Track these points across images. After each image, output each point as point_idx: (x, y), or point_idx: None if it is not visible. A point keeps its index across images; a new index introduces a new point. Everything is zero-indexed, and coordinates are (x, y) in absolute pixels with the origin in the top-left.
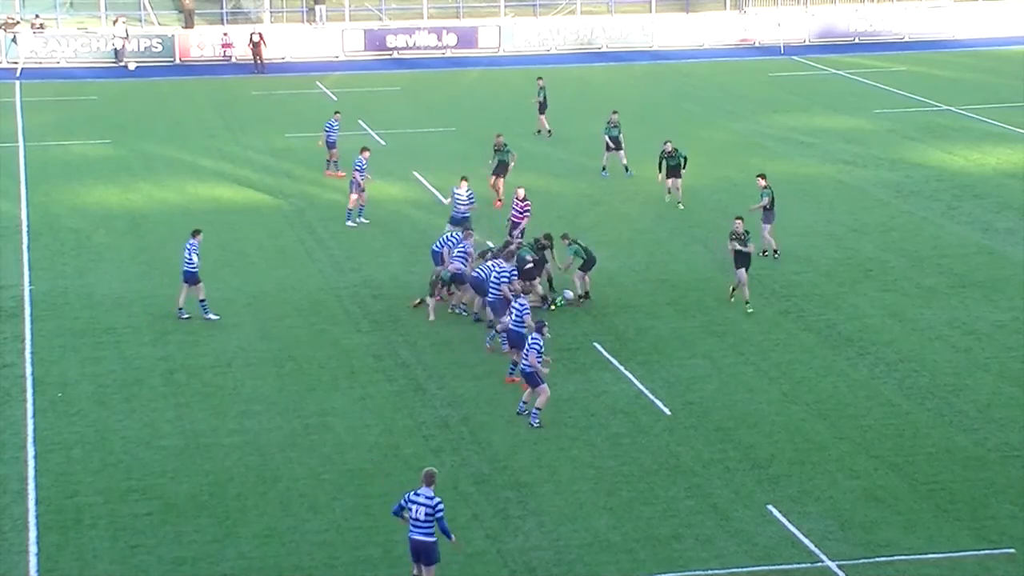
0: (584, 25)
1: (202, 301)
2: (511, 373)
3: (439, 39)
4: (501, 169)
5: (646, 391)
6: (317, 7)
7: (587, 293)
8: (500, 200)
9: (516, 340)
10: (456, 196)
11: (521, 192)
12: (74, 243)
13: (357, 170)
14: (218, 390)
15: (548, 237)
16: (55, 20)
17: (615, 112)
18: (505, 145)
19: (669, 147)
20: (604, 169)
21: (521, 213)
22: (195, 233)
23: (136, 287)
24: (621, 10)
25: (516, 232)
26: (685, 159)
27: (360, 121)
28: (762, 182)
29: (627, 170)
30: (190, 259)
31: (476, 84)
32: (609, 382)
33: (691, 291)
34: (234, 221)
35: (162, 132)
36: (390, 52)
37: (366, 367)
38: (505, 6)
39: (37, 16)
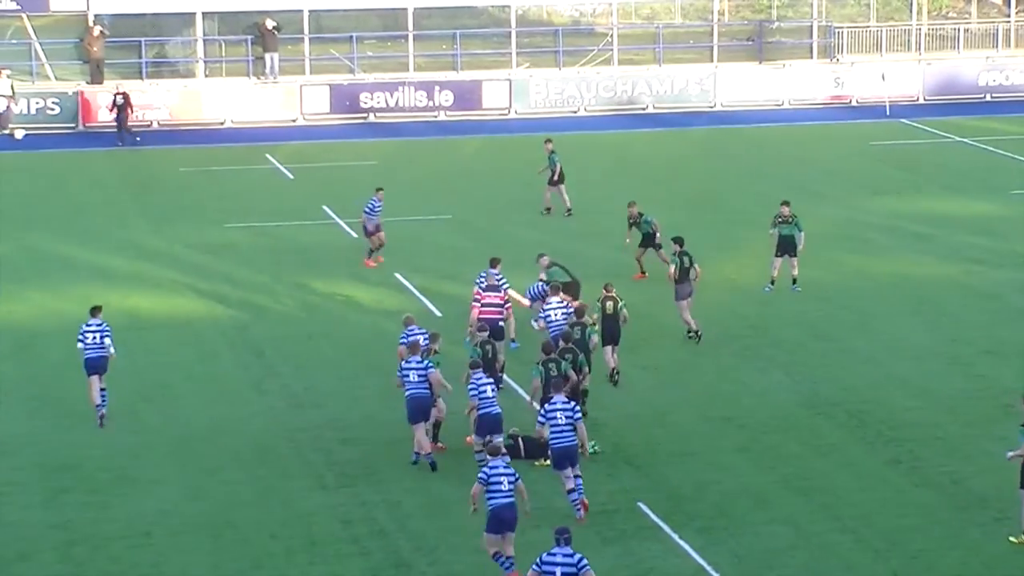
0: (623, 79)
1: (103, 390)
2: (507, 571)
3: (430, 98)
4: (648, 241)
5: (709, 567)
6: (267, 55)
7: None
8: (643, 273)
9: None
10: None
11: (492, 278)
12: None
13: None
14: (132, 568)
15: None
16: None
17: (786, 204)
18: (642, 215)
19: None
20: (772, 282)
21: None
22: (94, 311)
23: (22, 430)
24: (672, 58)
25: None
26: (691, 261)
27: (324, 207)
28: (676, 247)
29: (794, 283)
30: (100, 343)
31: (478, 157)
32: (658, 555)
33: (768, 433)
34: (155, 340)
35: (59, 222)
36: (364, 115)
37: (332, 536)
38: (517, 54)
39: None
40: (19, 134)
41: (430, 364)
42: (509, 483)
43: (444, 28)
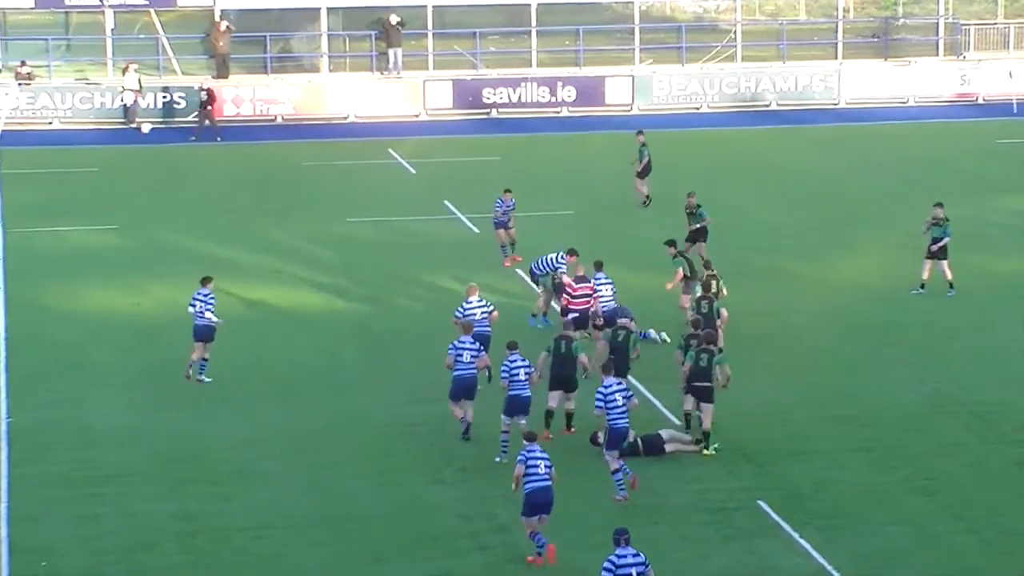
0: (746, 75)
1: (204, 360)
2: (539, 549)
3: (552, 93)
4: (701, 234)
5: (829, 567)
6: (390, 51)
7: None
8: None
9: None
10: (467, 309)
11: (581, 269)
12: (65, 362)
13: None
14: (253, 559)
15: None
16: (47, 68)
17: (940, 205)
18: (699, 206)
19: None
20: (923, 286)
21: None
22: (205, 281)
23: (145, 421)
24: (796, 55)
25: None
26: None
27: (446, 202)
28: (672, 250)
29: (951, 287)
30: (200, 313)
31: (600, 153)
32: (779, 554)
33: (890, 432)
34: (276, 333)
35: (183, 216)
36: (487, 110)
37: (451, 531)
38: (640, 50)
39: (23, 63)
40: (146, 128)
41: (481, 348)
42: (545, 467)
43: (567, 24)
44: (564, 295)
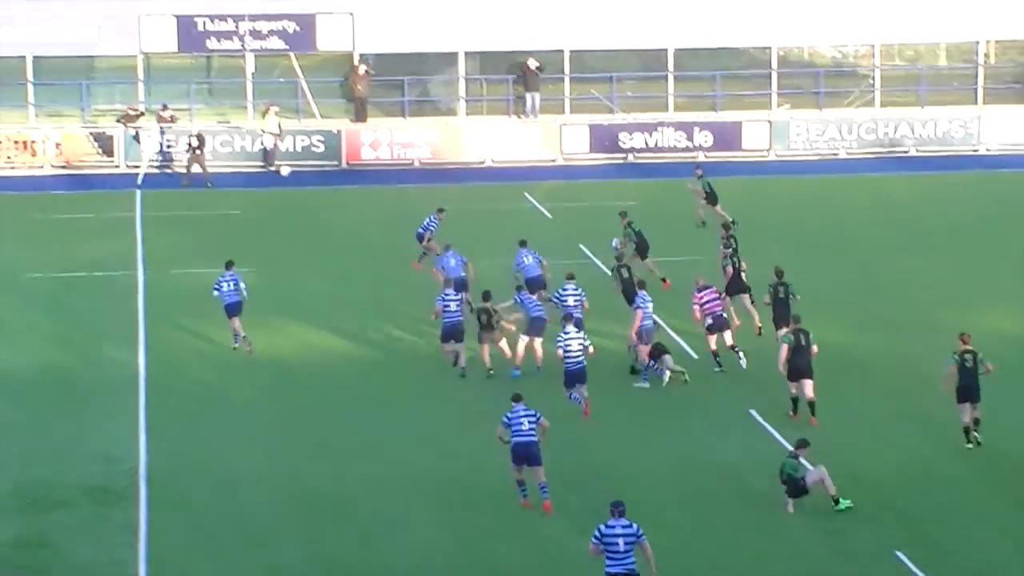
0: (885, 120)
1: (239, 335)
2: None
3: (689, 138)
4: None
5: None
6: (528, 95)
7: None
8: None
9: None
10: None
11: (701, 279)
12: (204, 402)
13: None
14: None
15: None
16: (188, 111)
17: None
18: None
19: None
20: None
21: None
22: (229, 265)
23: (283, 461)
24: (936, 100)
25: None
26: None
27: (581, 245)
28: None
29: None
30: (234, 289)
31: (738, 199)
32: None
33: None
34: (410, 375)
35: (321, 258)
36: (624, 155)
37: None
38: (778, 95)
39: (165, 107)
40: (285, 171)
41: (461, 294)
42: (529, 423)
43: (704, 69)
44: (695, 305)
